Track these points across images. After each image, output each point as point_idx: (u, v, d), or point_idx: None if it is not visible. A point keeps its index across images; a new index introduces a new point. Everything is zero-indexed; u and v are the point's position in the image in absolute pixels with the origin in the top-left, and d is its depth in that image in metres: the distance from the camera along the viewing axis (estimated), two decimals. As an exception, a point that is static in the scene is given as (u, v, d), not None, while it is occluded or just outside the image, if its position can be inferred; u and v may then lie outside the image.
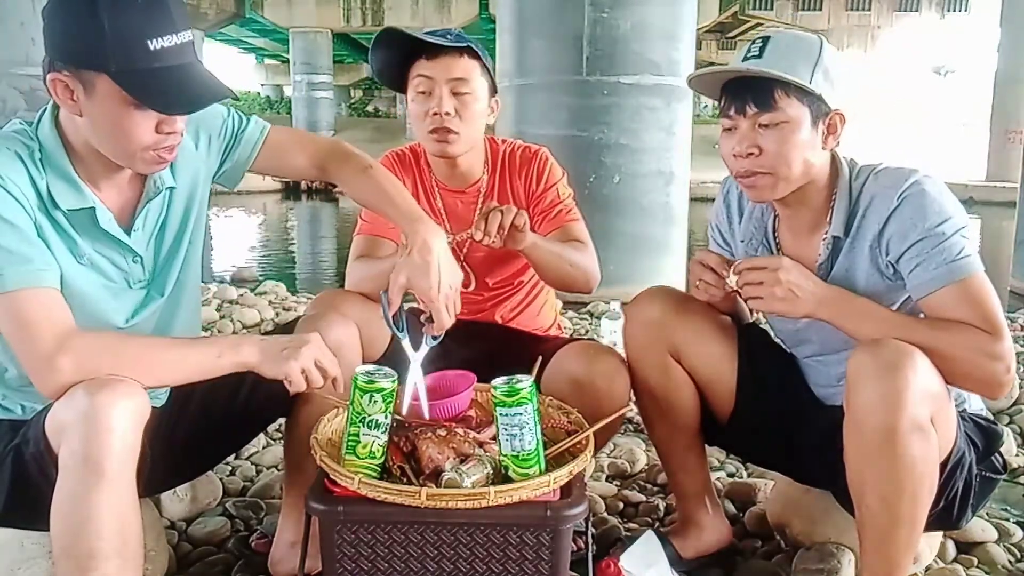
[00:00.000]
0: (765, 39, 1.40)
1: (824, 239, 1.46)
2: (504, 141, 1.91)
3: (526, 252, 1.66)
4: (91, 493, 1.12)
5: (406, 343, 1.39)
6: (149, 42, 1.17)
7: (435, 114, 1.72)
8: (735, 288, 1.44)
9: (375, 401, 1.23)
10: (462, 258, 1.84)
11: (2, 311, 1.20)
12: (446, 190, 1.86)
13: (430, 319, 1.39)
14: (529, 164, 1.85)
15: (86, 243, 1.32)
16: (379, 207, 1.53)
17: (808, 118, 1.37)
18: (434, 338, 1.40)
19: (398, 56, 1.76)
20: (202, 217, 1.51)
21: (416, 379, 1.37)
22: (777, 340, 1.69)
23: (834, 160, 1.46)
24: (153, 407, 1.22)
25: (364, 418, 1.24)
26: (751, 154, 1.39)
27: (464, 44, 1.72)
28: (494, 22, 7.43)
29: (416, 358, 1.38)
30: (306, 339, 1.31)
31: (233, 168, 1.54)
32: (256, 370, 1.29)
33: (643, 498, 2.05)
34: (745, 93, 1.38)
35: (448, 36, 1.73)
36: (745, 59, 1.39)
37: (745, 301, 1.49)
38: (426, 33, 1.74)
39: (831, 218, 1.44)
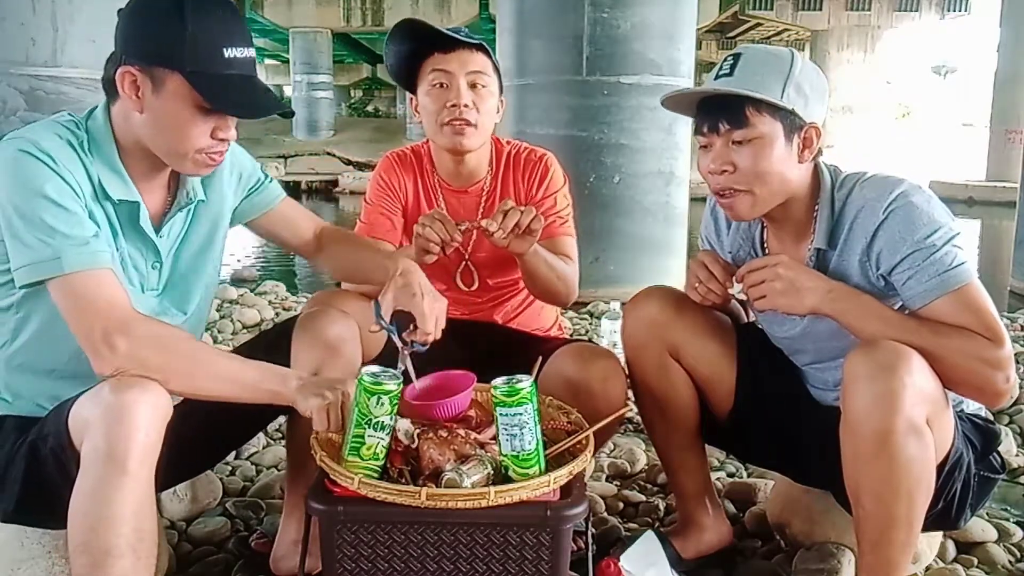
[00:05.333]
0: (736, 56, 1.40)
1: (808, 250, 1.46)
2: (509, 142, 1.90)
3: (524, 258, 1.65)
4: (112, 489, 1.13)
5: (395, 337, 1.41)
6: (225, 50, 1.24)
7: (453, 106, 1.71)
8: (739, 297, 1.45)
9: (382, 403, 1.23)
10: (466, 257, 1.84)
11: (62, 292, 1.23)
12: (448, 189, 1.86)
13: (414, 327, 1.41)
14: (532, 168, 1.85)
15: (122, 239, 1.35)
16: (365, 258, 1.58)
17: (781, 133, 1.37)
18: (422, 345, 1.41)
19: (412, 50, 1.75)
20: (223, 243, 1.55)
21: (407, 364, 1.39)
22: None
23: (816, 170, 1.45)
24: None
25: (370, 420, 1.24)
26: (725, 171, 1.39)
27: (476, 42, 1.73)
28: (494, 22, 7.42)
29: (404, 352, 1.40)
30: (342, 382, 1.31)
31: (245, 210, 1.58)
32: (291, 403, 1.30)
33: (643, 498, 2.05)
34: (718, 111, 1.38)
35: (460, 33, 1.74)
36: (717, 77, 1.39)
37: (751, 304, 1.49)
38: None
39: (815, 229, 1.44)
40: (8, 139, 1.26)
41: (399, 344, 1.40)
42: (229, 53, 1.25)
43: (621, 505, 2.02)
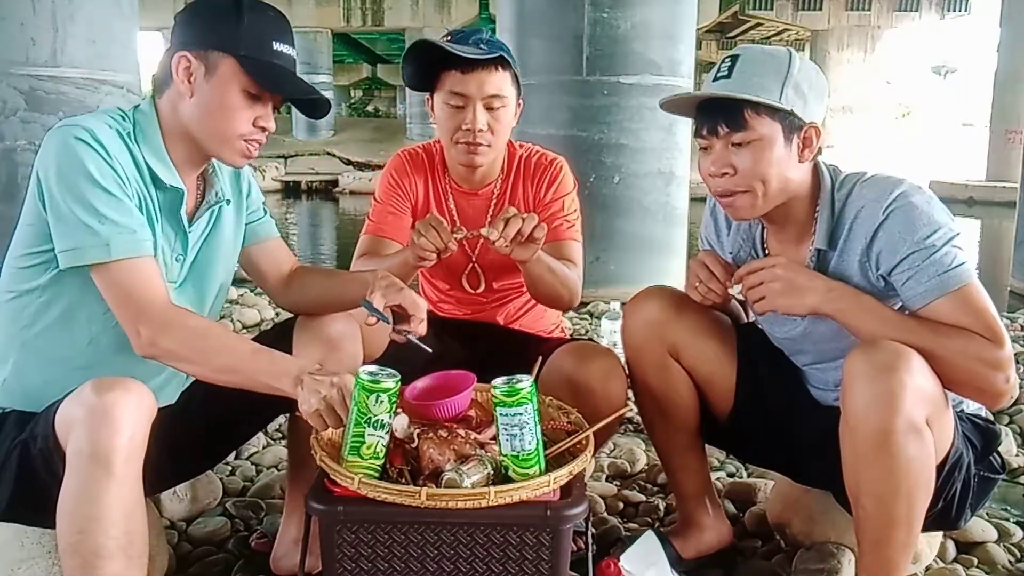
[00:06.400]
0: (734, 57, 1.39)
1: (809, 251, 1.46)
2: (523, 146, 1.89)
3: (527, 265, 1.63)
4: (99, 490, 1.13)
5: (390, 326, 1.44)
6: (274, 43, 1.36)
7: (467, 129, 1.71)
8: (739, 297, 1.45)
9: (381, 401, 1.23)
10: (473, 259, 1.84)
11: (108, 278, 1.29)
12: (459, 191, 1.86)
13: (402, 321, 1.44)
14: (543, 172, 1.84)
15: (158, 226, 1.38)
16: (334, 284, 1.58)
17: (781, 134, 1.37)
18: (415, 336, 1.44)
19: (428, 68, 1.73)
20: (239, 249, 1.58)
21: (413, 340, 1.43)
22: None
23: (816, 170, 1.45)
24: (160, 407, 1.24)
25: (370, 419, 1.23)
26: (725, 173, 1.39)
27: (496, 54, 1.69)
28: (494, 22, 7.41)
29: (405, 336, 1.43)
30: (332, 383, 1.28)
31: (246, 233, 1.59)
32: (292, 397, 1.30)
33: (643, 498, 2.05)
34: (716, 114, 1.38)
35: (480, 45, 1.70)
36: (715, 79, 1.39)
37: (751, 306, 1.49)
38: (457, 39, 1.71)
39: (815, 229, 1.44)
40: (60, 126, 1.30)
41: (395, 335, 1.43)
42: (277, 47, 1.36)
43: (621, 505, 2.02)
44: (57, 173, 1.27)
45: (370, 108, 39.03)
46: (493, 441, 1.30)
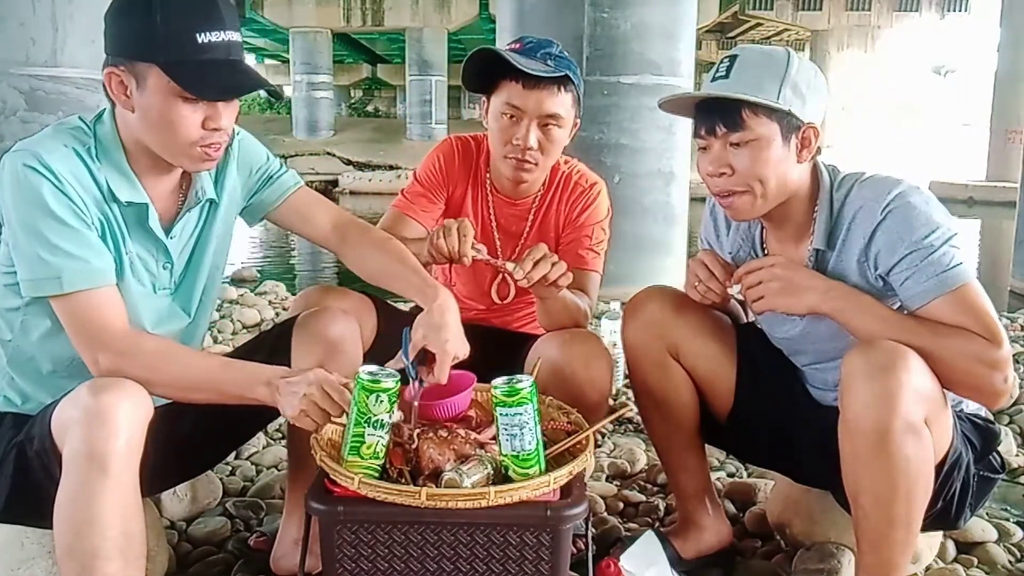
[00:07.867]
0: (733, 57, 1.40)
1: (808, 251, 1.46)
2: (567, 161, 1.88)
3: (545, 299, 1.63)
4: (95, 491, 1.13)
5: (412, 380, 1.37)
6: (197, 35, 1.22)
7: (517, 145, 1.68)
8: (738, 297, 1.45)
9: (381, 401, 1.23)
10: (500, 275, 1.81)
11: (62, 309, 1.27)
12: (498, 197, 1.85)
13: (423, 362, 1.38)
14: (581, 194, 1.83)
15: (131, 241, 1.36)
16: (399, 274, 1.51)
17: (779, 134, 1.37)
18: (421, 381, 1.38)
19: (491, 67, 1.68)
20: (229, 240, 1.54)
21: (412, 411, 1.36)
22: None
23: (815, 170, 1.45)
24: (157, 405, 1.24)
25: (369, 418, 1.23)
26: (723, 173, 1.40)
27: (561, 73, 1.66)
28: (494, 22, 7.41)
29: (414, 395, 1.37)
30: (309, 379, 1.26)
31: (257, 206, 1.56)
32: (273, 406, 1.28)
33: (643, 498, 2.05)
34: (714, 114, 1.38)
35: (548, 61, 1.66)
36: (713, 80, 1.39)
37: (750, 305, 1.49)
38: (525, 49, 1.67)
39: (813, 229, 1.44)
40: (14, 151, 1.26)
41: (413, 386, 1.36)
42: (203, 39, 1.23)
43: (621, 505, 2.02)
44: (12, 203, 1.24)
45: (370, 108, 39.04)
46: (493, 441, 1.30)
